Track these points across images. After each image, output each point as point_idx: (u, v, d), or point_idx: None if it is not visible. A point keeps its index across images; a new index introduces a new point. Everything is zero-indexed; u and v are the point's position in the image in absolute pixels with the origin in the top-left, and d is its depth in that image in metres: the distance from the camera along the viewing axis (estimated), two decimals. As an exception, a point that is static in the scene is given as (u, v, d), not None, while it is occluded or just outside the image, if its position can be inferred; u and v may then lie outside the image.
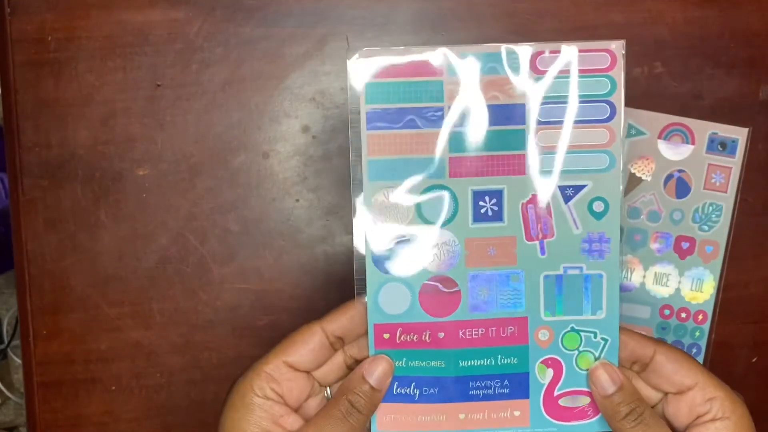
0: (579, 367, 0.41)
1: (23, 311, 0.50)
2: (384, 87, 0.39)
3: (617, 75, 0.39)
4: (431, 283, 0.41)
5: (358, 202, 0.40)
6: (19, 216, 0.50)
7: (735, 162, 0.51)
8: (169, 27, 0.49)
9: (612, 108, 0.40)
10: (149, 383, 0.51)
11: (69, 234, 0.50)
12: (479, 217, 0.40)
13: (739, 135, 0.50)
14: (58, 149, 0.49)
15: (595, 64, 0.39)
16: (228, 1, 0.49)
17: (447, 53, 0.39)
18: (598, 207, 0.40)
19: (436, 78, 0.39)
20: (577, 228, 0.40)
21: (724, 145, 0.50)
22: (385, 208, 0.40)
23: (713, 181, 0.51)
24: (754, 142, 0.51)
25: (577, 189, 0.40)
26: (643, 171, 0.51)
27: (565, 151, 0.40)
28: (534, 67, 0.39)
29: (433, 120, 0.40)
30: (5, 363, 1.22)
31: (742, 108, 0.51)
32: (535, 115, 0.40)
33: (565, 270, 0.41)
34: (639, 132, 0.50)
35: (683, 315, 0.52)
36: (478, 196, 0.40)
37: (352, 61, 0.39)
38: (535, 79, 0.39)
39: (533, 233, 0.40)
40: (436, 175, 0.40)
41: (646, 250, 0.51)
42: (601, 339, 0.41)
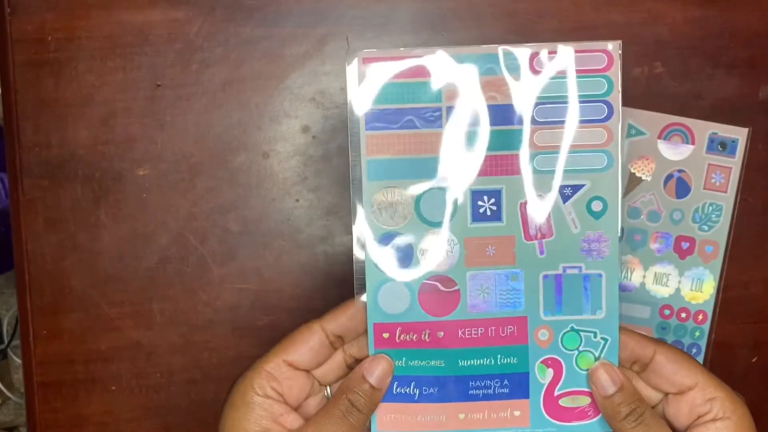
0: (579, 367, 0.41)
1: (23, 311, 0.50)
2: (383, 88, 0.39)
3: (614, 75, 0.40)
4: (430, 282, 0.41)
5: (357, 202, 0.40)
6: (19, 216, 0.50)
7: (735, 162, 0.51)
8: (169, 27, 0.49)
9: (609, 108, 0.40)
10: (149, 383, 0.51)
11: (69, 234, 0.50)
12: (478, 216, 0.40)
13: (739, 135, 0.50)
14: (58, 149, 0.50)
15: (592, 65, 0.39)
16: (228, 1, 0.49)
17: (445, 54, 0.39)
18: (597, 206, 0.40)
19: (434, 79, 0.39)
20: (575, 227, 0.40)
21: (724, 145, 0.50)
22: (384, 208, 0.40)
23: (713, 181, 0.51)
24: (754, 142, 0.51)
25: (576, 188, 0.40)
26: (643, 171, 0.51)
27: (563, 150, 0.40)
28: (531, 68, 0.39)
29: (431, 120, 0.40)
30: (5, 363, 1.22)
31: (742, 108, 0.51)
32: (532, 115, 0.40)
33: (564, 270, 0.41)
34: (639, 132, 0.50)
35: (683, 315, 0.52)
36: (476, 196, 0.40)
37: (351, 62, 0.39)
38: (533, 80, 0.39)
39: (532, 233, 0.40)
40: (434, 175, 0.40)
41: (646, 250, 0.51)
42: (601, 339, 0.41)
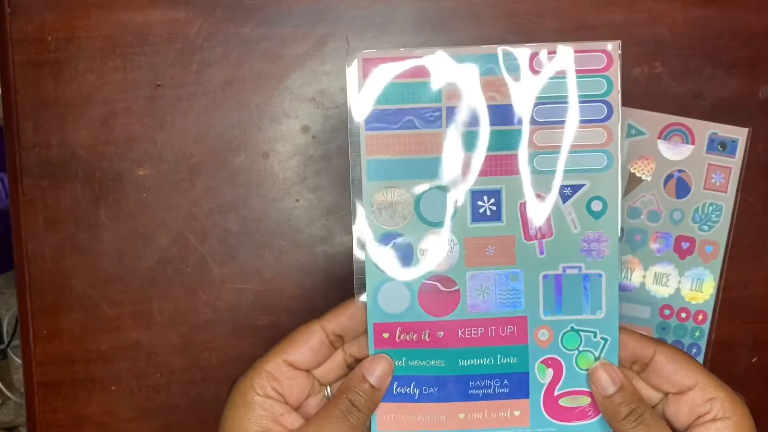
0: (579, 366, 0.41)
1: (23, 311, 0.50)
2: (383, 88, 0.39)
3: (614, 75, 0.40)
4: (430, 282, 0.41)
5: (357, 202, 0.40)
6: (19, 216, 0.50)
7: (735, 162, 0.51)
8: (169, 27, 0.49)
9: (609, 108, 0.40)
10: (149, 383, 0.51)
11: (69, 234, 0.50)
12: (478, 216, 0.40)
13: (739, 135, 0.50)
14: (58, 149, 0.50)
15: (592, 65, 0.39)
16: (228, 1, 0.49)
17: (445, 55, 0.39)
18: (597, 206, 0.40)
19: (434, 79, 0.39)
20: (575, 227, 0.40)
21: (724, 145, 0.50)
22: (384, 208, 0.40)
23: (713, 181, 0.51)
24: (754, 142, 0.51)
25: (576, 188, 0.40)
26: (643, 171, 0.51)
27: (563, 150, 0.40)
28: (531, 68, 0.39)
29: (431, 121, 0.40)
30: (5, 363, 1.22)
31: (742, 108, 0.51)
32: (532, 115, 0.40)
33: (564, 269, 0.41)
34: (639, 132, 0.50)
35: (683, 315, 0.51)
36: (476, 196, 0.40)
37: (350, 63, 0.39)
38: (532, 80, 0.39)
39: (532, 233, 0.40)
40: (434, 175, 0.40)
41: (646, 250, 0.51)
42: (601, 339, 0.41)
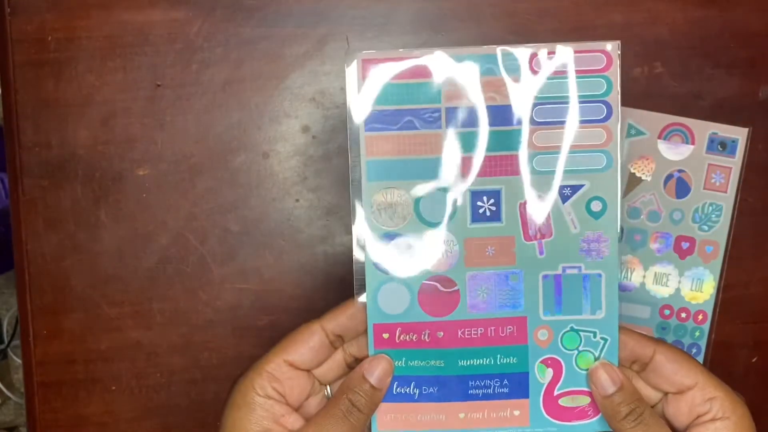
0: (579, 366, 0.41)
1: (23, 311, 0.50)
2: (382, 89, 0.39)
3: (613, 75, 0.39)
4: (430, 282, 0.41)
5: (357, 203, 0.40)
6: (19, 216, 0.50)
7: (735, 162, 0.51)
8: (169, 27, 0.49)
9: (608, 108, 0.40)
10: (149, 383, 0.51)
11: (69, 234, 0.50)
12: (477, 217, 0.40)
13: (739, 135, 0.50)
14: (58, 149, 0.50)
15: (591, 65, 0.39)
16: (228, 1, 0.49)
17: (445, 55, 0.39)
18: (596, 207, 0.40)
19: (433, 80, 0.39)
20: (575, 228, 0.40)
21: (724, 145, 0.50)
22: (383, 209, 0.40)
23: (713, 181, 0.51)
24: (754, 142, 0.51)
25: (575, 189, 0.40)
26: (643, 171, 0.51)
27: (562, 151, 0.40)
28: (531, 68, 0.39)
29: (430, 121, 0.40)
30: (5, 363, 1.22)
31: (742, 108, 0.51)
32: (532, 115, 0.40)
33: (563, 270, 0.41)
34: (639, 132, 0.50)
35: (683, 315, 0.52)
36: (476, 197, 0.40)
37: (350, 63, 0.39)
38: (532, 81, 0.39)
39: (531, 233, 0.40)
40: (434, 175, 0.40)
41: (646, 250, 0.51)
42: (601, 338, 0.41)
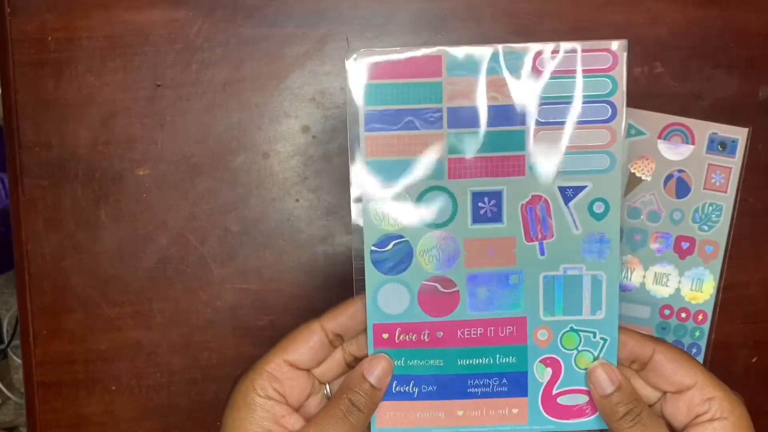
0: (578, 366, 0.41)
1: (23, 311, 0.50)
2: (382, 88, 0.39)
3: (619, 75, 0.39)
4: (430, 283, 0.41)
5: (357, 203, 0.40)
6: (19, 216, 0.50)
7: (735, 162, 0.51)
8: (169, 27, 0.49)
9: (613, 108, 0.39)
10: (149, 383, 0.51)
11: (69, 234, 0.50)
12: (478, 218, 0.40)
13: (739, 135, 0.50)
14: (58, 149, 0.49)
15: (597, 64, 0.39)
16: (228, 1, 0.49)
17: (445, 54, 0.39)
18: (599, 208, 0.40)
19: (434, 79, 0.39)
20: (576, 229, 0.40)
21: (724, 145, 0.50)
22: (383, 209, 0.40)
23: (713, 181, 0.51)
24: (754, 142, 0.51)
25: (578, 190, 0.40)
26: (643, 171, 0.51)
27: (565, 152, 0.40)
28: (534, 68, 0.39)
29: (431, 121, 0.39)
30: (5, 363, 1.22)
31: (742, 108, 0.51)
32: (534, 115, 0.39)
33: (564, 270, 0.41)
34: (639, 132, 0.50)
35: (683, 315, 0.52)
36: (477, 197, 0.40)
37: (350, 63, 0.39)
38: (535, 80, 0.39)
39: (533, 234, 0.40)
40: (434, 176, 0.40)
41: (646, 250, 0.51)
42: (600, 339, 0.41)
